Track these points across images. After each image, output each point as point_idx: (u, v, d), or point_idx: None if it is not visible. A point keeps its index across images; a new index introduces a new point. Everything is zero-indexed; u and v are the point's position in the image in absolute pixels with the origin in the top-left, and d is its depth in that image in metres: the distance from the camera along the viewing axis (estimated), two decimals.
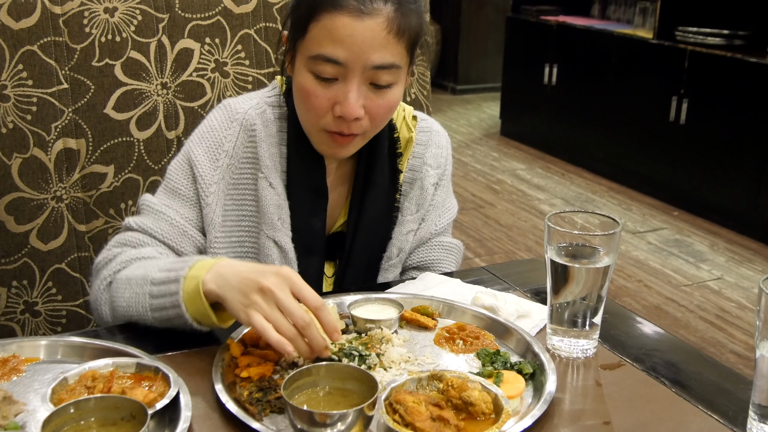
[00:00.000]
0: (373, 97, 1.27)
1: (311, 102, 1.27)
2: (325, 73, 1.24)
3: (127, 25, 1.56)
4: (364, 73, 1.24)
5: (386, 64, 1.24)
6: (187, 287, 1.12)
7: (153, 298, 1.15)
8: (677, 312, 3.49)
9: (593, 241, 1.13)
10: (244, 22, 1.66)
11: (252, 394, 1.00)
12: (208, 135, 1.36)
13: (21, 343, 1.12)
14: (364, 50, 1.21)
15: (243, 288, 1.07)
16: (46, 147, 1.54)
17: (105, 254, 1.31)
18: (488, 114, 7.11)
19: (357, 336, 1.17)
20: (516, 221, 4.56)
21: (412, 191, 1.49)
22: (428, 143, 1.51)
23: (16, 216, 1.54)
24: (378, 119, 1.30)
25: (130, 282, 1.20)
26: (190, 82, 1.64)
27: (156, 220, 1.33)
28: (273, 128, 1.38)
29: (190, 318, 1.13)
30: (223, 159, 1.35)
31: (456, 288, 1.37)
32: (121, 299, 1.21)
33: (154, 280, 1.16)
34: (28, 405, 0.98)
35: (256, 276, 1.06)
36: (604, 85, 5.27)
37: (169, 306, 1.14)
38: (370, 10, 1.21)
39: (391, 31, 1.22)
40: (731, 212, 4.43)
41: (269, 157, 1.36)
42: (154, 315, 1.16)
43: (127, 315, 1.20)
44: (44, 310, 1.61)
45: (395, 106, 1.32)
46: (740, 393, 1.09)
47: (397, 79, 1.28)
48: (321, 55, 1.22)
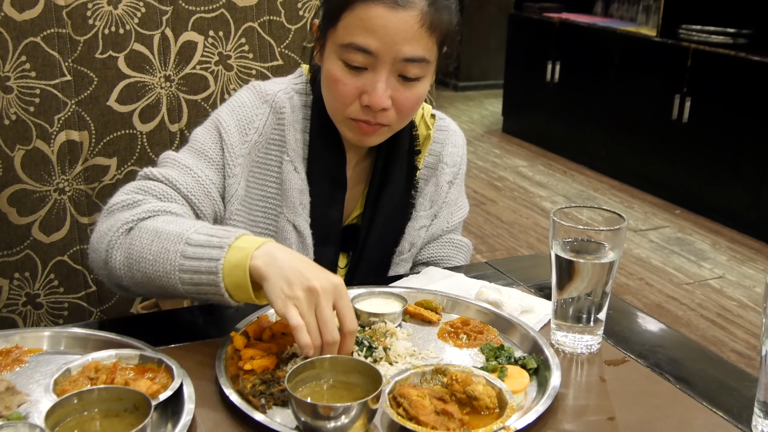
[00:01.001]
0: (401, 89, 1.27)
1: (339, 90, 1.28)
2: (355, 61, 1.25)
3: (130, 17, 1.55)
4: (394, 65, 1.25)
5: (416, 57, 1.25)
6: (231, 257, 1.06)
7: (186, 259, 1.08)
8: (678, 310, 3.49)
9: (599, 237, 1.12)
10: (248, 15, 1.65)
11: (255, 387, 1.00)
12: (239, 110, 1.35)
13: (24, 334, 1.11)
14: (396, 42, 1.22)
15: (291, 278, 1.03)
16: (48, 139, 1.53)
17: (123, 197, 1.23)
18: (490, 111, 7.10)
19: (361, 330, 1.17)
20: (517, 218, 4.56)
21: (426, 188, 1.51)
22: (445, 142, 1.52)
23: (19, 208, 1.54)
24: (404, 112, 1.31)
25: (159, 235, 1.13)
26: (194, 75, 1.63)
27: (182, 174, 1.29)
28: (299, 114, 1.39)
29: (223, 287, 1.06)
30: (252, 135, 1.34)
31: (460, 283, 1.36)
32: (145, 251, 1.12)
33: (190, 240, 1.09)
34: (30, 396, 0.98)
35: (309, 273, 1.03)
36: (606, 83, 5.26)
37: (204, 271, 1.07)
38: (405, 3, 1.22)
39: (423, 25, 1.23)
40: (733, 211, 4.42)
41: (295, 141, 1.37)
42: (182, 276, 1.09)
43: (146, 269, 1.12)
44: (46, 302, 1.60)
45: (421, 99, 1.32)
46: (745, 390, 1.08)
47: (425, 73, 1.29)
48: (353, 43, 1.23)
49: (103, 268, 1.19)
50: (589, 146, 5.49)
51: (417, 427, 0.91)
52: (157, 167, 1.31)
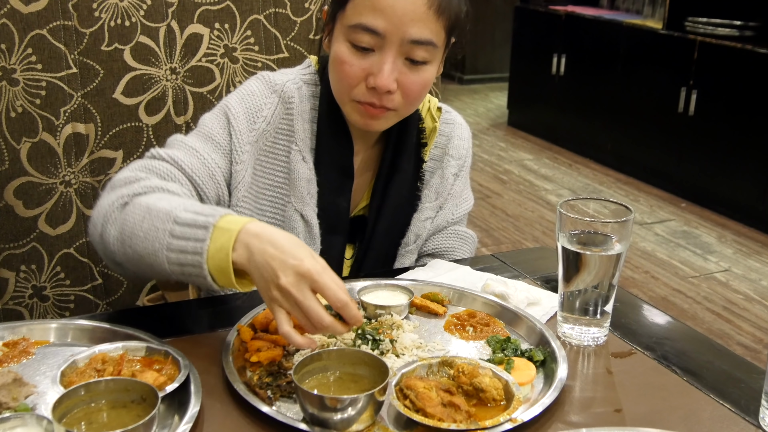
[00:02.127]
0: (407, 72, 1.27)
1: (345, 71, 1.27)
2: (362, 42, 1.25)
3: (136, 10, 1.55)
4: (401, 47, 1.24)
5: (424, 40, 1.24)
6: (217, 239, 1.04)
7: (173, 238, 1.06)
8: (684, 303, 3.48)
9: (605, 229, 1.12)
10: (254, 8, 1.65)
11: (262, 379, 1.00)
12: (248, 98, 1.35)
13: (31, 326, 1.12)
14: (404, 22, 1.22)
15: (265, 275, 1.00)
16: (54, 131, 1.53)
17: (127, 174, 1.22)
18: (496, 104, 7.09)
19: (367, 322, 1.17)
20: (523, 211, 4.55)
21: (432, 180, 1.51)
22: (451, 135, 1.53)
23: (25, 200, 1.54)
24: (411, 96, 1.30)
25: (150, 212, 1.10)
26: (200, 67, 1.63)
27: (188, 155, 1.28)
28: (307, 105, 1.39)
29: (206, 269, 1.04)
30: (261, 124, 1.34)
31: (466, 275, 1.36)
32: (136, 227, 1.10)
33: (178, 219, 1.07)
34: (38, 387, 0.98)
35: (277, 269, 0.99)
36: (612, 76, 5.24)
37: (190, 251, 1.05)
38: None
39: (431, 7, 1.23)
40: (739, 204, 4.41)
41: (303, 131, 1.37)
42: (169, 255, 1.06)
43: (137, 246, 1.10)
44: (52, 295, 1.61)
45: (428, 85, 1.31)
46: (752, 382, 1.08)
47: (432, 57, 1.28)
48: (360, 24, 1.24)
49: (99, 242, 1.19)
50: (595, 139, 5.48)
51: (424, 419, 0.91)
52: (165, 148, 1.31)
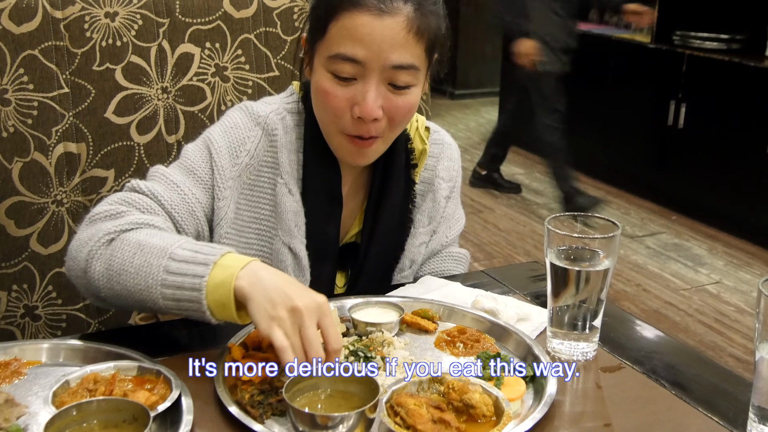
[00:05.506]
0: (392, 97, 1.26)
1: (329, 102, 1.26)
2: (343, 72, 1.24)
3: (127, 30, 1.56)
4: (382, 73, 1.23)
5: (405, 64, 1.24)
6: (216, 275, 1.05)
7: (169, 274, 1.07)
8: (676, 316, 3.50)
9: (593, 245, 1.13)
10: (245, 27, 1.66)
11: (253, 397, 1.01)
12: (231, 131, 1.34)
13: (23, 346, 1.12)
14: (383, 49, 1.21)
15: (275, 298, 1.02)
16: (46, 151, 1.54)
17: (106, 207, 1.22)
18: (486, 119, 7.12)
19: (358, 339, 1.18)
20: (515, 226, 4.57)
21: (424, 204, 1.50)
22: (440, 156, 1.51)
23: (17, 220, 1.55)
24: (396, 121, 1.29)
25: (142, 248, 1.11)
26: (191, 86, 1.64)
27: (168, 190, 1.27)
28: (292, 135, 1.37)
29: (206, 305, 1.06)
30: (244, 158, 1.33)
31: (456, 291, 1.37)
32: (127, 264, 1.11)
33: (174, 255, 1.08)
34: (29, 408, 0.98)
35: (293, 293, 1.02)
36: (601, 90, 5.28)
37: (188, 287, 1.06)
38: (390, 9, 1.21)
39: (410, 31, 1.22)
40: (729, 216, 4.44)
41: (288, 163, 1.35)
42: (164, 291, 1.07)
43: (127, 282, 1.10)
44: (44, 314, 1.61)
45: (413, 108, 1.31)
46: (740, 395, 1.09)
47: (415, 80, 1.27)
48: (340, 54, 1.22)
49: (82, 278, 1.17)
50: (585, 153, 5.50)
51: None
52: (146, 180, 1.30)
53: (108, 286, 1.13)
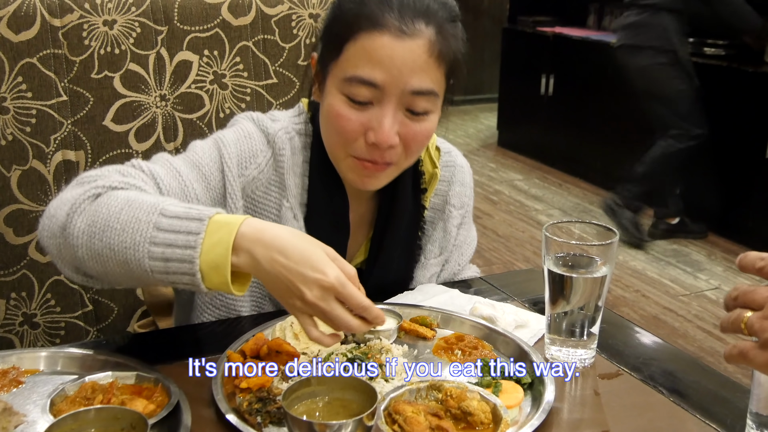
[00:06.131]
0: (409, 123, 1.20)
1: (342, 126, 1.19)
2: (359, 96, 1.17)
3: (126, 38, 1.57)
4: (401, 98, 1.17)
5: (425, 90, 1.18)
6: (213, 232, 0.98)
7: (159, 231, 0.99)
8: (675, 322, 3.50)
9: (591, 251, 1.13)
10: (243, 34, 1.67)
11: (251, 405, 1.01)
12: (245, 141, 1.27)
13: (21, 354, 1.12)
14: (403, 73, 1.15)
15: (283, 287, 0.97)
16: (45, 159, 1.54)
17: (98, 171, 1.13)
18: (485, 125, 7.13)
19: (356, 346, 1.18)
20: (514, 232, 4.57)
21: (435, 233, 1.45)
22: (452, 180, 1.45)
23: (15, 228, 1.55)
24: (412, 148, 1.23)
25: (131, 204, 1.02)
26: (189, 94, 1.65)
27: (168, 175, 1.19)
28: (299, 158, 1.32)
29: (198, 266, 0.97)
30: (252, 171, 1.27)
31: (454, 298, 1.37)
32: (113, 219, 1.01)
33: (166, 211, 1.00)
34: (27, 416, 0.98)
35: (299, 283, 0.96)
36: (600, 95, 5.28)
37: (181, 244, 0.98)
38: (412, 32, 1.15)
39: (432, 55, 1.17)
40: (728, 221, 4.44)
41: (294, 186, 1.30)
42: (152, 250, 0.98)
43: (111, 239, 1.01)
44: (43, 322, 1.61)
45: (430, 135, 1.25)
46: (738, 401, 1.09)
47: (433, 107, 1.22)
48: (357, 76, 1.16)
49: (59, 236, 1.06)
50: (585, 159, 5.51)
51: None
52: (148, 162, 1.21)
53: (88, 245, 1.03)
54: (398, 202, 1.36)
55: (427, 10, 1.17)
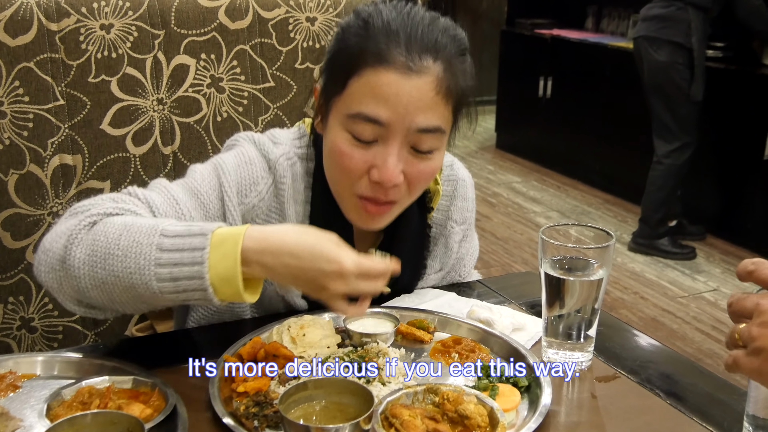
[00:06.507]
0: (414, 162, 1.17)
1: (345, 164, 1.16)
2: (364, 134, 1.14)
3: (123, 42, 1.57)
4: (406, 136, 1.14)
5: (431, 128, 1.14)
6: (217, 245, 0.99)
7: (162, 252, 0.99)
8: (673, 324, 3.50)
9: (587, 254, 1.13)
10: (240, 38, 1.67)
11: (248, 409, 1.01)
12: (246, 167, 1.25)
13: (17, 359, 1.12)
14: (409, 111, 1.12)
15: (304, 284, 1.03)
16: (42, 163, 1.54)
17: (90, 200, 1.12)
18: (483, 127, 7.13)
19: (353, 350, 1.18)
20: (512, 234, 4.57)
21: (436, 248, 1.44)
22: (454, 195, 1.43)
23: (13, 232, 1.55)
24: (417, 187, 1.20)
25: (128, 228, 1.02)
26: (186, 97, 1.65)
27: (165, 203, 1.17)
28: (301, 185, 1.29)
29: (208, 280, 0.98)
30: (252, 198, 1.25)
31: (451, 301, 1.37)
32: (113, 246, 1.01)
33: (166, 231, 1.00)
34: (24, 421, 0.98)
35: (319, 279, 1.01)
36: (598, 98, 5.29)
37: (187, 262, 0.98)
38: (419, 68, 1.12)
39: (439, 92, 1.14)
40: (726, 223, 4.44)
41: (295, 215, 1.28)
42: (159, 272, 0.99)
43: (114, 266, 1.01)
44: (40, 326, 1.61)
45: (435, 173, 1.22)
46: (734, 404, 1.09)
47: (440, 144, 1.19)
48: (361, 113, 1.13)
49: (58, 269, 1.05)
50: (583, 161, 5.52)
51: None
52: (144, 189, 1.21)
53: (91, 274, 1.02)
54: (403, 224, 1.33)
55: (435, 45, 1.14)
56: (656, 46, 4.13)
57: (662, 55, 4.11)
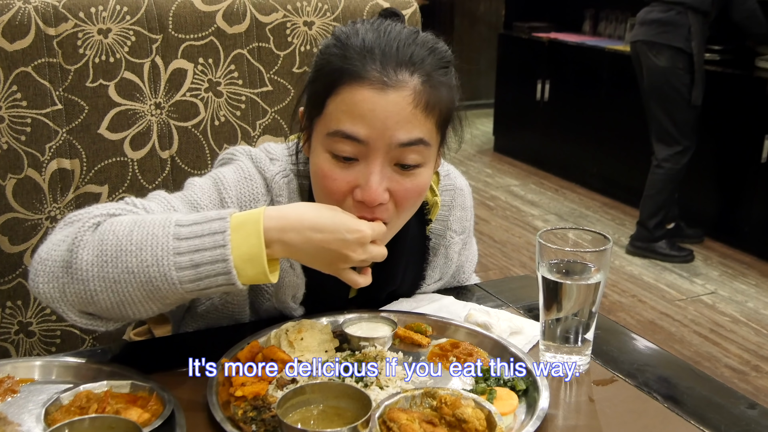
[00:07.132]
0: (399, 179, 1.14)
1: (328, 186, 1.14)
2: (344, 152, 1.12)
3: (120, 46, 1.57)
4: (388, 153, 1.12)
5: (412, 140, 1.11)
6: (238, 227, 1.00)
7: (180, 240, 0.98)
8: (671, 327, 3.50)
9: (585, 258, 1.13)
10: (237, 42, 1.67)
11: (246, 413, 1.01)
12: (246, 183, 1.24)
13: (15, 363, 1.12)
14: (387, 126, 1.09)
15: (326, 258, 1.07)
16: (40, 167, 1.54)
17: (87, 209, 1.11)
18: (481, 130, 7.14)
19: (351, 354, 1.18)
20: (510, 237, 4.57)
21: (436, 259, 1.43)
22: (452, 205, 1.42)
23: (11, 236, 1.55)
24: (405, 205, 1.17)
25: (139, 224, 1.01)
26: (184, 102, 1.65)
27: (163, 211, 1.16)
28: (296, 201, 1.27)
29: (232, 261, 0.98)
30: None
31: (449, 305, 1.37)
32: (124, 242, 1.00)
33: (180, 221, 1.00)
34: (22, 426, 0.98)
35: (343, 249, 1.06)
36: (596, 101, 5.30)
37: (209, 246, 0.98)
38: (395, 83, 1.10)
39: (418, 106, 1.11)
40: (724, 226, 4.45)
41: None
42: (179, 260, 0.98)
43: (128, 261, 0.99)
44: (38, 331, 1.61)
45: (424, 190, 1.19)
46: (732, 407, 1.09)
47: (426, 158, 1.15)
48: (339, 131, 1.11)
49: (62, 276, 1.03)
50: (581, 164, 5.52)
51: None
52: (141, 199, 1.20)
53: (101, 275, 1.00)
54: (402, 237, 1.29)
55: (411, 59, 1.12)
56: (656, 51, 4.12)
57: (662, 60, 4.09)
